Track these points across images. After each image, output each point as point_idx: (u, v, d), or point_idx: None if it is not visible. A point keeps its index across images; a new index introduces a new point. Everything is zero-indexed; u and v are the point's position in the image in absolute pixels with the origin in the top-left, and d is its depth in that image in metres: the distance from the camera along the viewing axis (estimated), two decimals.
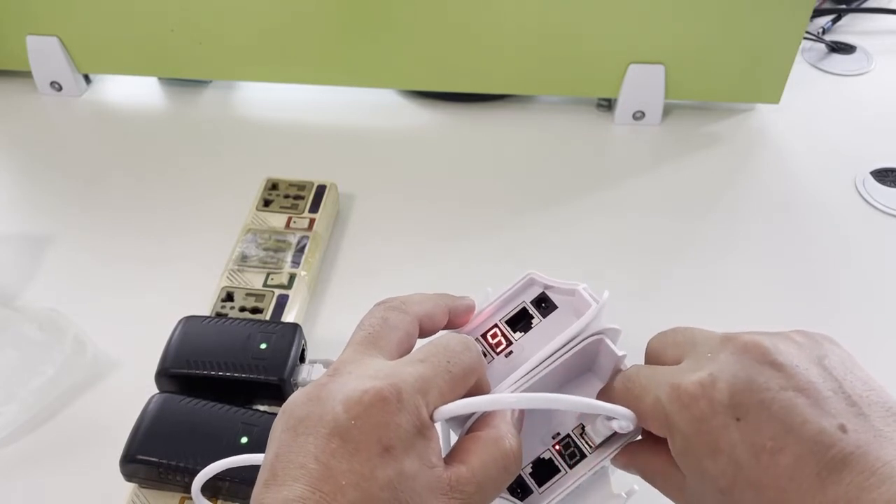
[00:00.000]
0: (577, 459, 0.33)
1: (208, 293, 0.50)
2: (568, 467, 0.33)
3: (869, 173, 0.62)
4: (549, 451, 0.33)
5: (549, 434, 0.34)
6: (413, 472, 0.27)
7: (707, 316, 0.52)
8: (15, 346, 0.48)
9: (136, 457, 0.39)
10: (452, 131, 0.67)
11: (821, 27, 0.78)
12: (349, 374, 0.28)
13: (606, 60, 0.64)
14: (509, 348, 0.34)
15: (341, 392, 0.27)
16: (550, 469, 0.33)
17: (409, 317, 0.32)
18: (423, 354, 0.30)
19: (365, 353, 0.30)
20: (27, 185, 0.63)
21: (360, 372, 0.28)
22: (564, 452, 0.33)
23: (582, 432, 0.34)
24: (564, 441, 0.33)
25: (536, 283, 0.35)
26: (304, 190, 0.56)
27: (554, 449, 0.33)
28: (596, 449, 0.33)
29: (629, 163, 0.64)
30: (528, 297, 0.35)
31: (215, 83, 0.72)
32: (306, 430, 0.27)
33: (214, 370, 0.42)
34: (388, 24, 0.64)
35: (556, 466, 0.33)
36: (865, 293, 0.54)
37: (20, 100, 0.70)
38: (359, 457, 0.26)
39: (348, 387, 0.28)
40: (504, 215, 0.59)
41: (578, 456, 0.33)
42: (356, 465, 0.26)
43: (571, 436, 0.34)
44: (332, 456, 0.26)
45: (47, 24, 0.67)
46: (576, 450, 0.33)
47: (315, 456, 0.26)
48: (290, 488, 0.25)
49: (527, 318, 0.35)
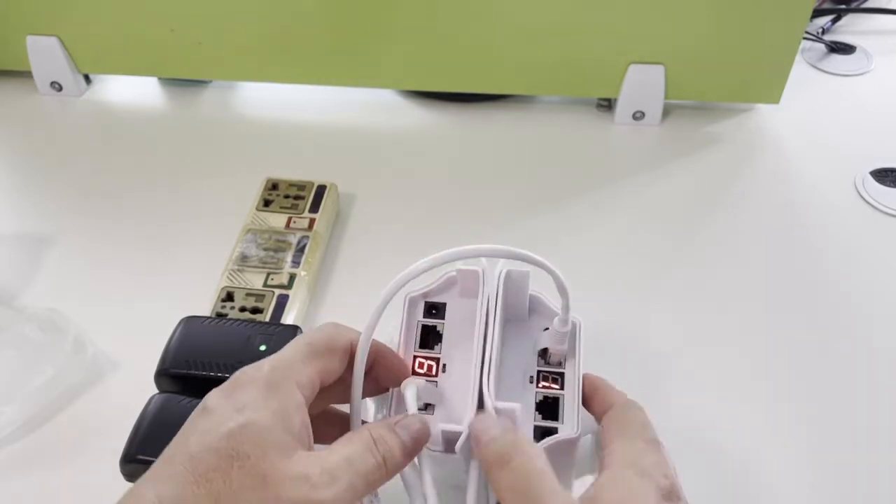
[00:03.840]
0: (561, 379, 0.36)
1: (208, 293, 0.50)
2: (560, 389, 0.35)
3: (869, 173, 0.62)
4: (537, 393, 0.35)
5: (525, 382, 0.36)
6: (262, 424, 0.29)
7: (707, 316, 0.52)
8: (15, 346, 0.48)
9: (136, 457, 0.39)
10: (452, 131, 0.67)
11: (821, 27, 0.78)
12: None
13: (606, 60, 0.64)
14: (441, 363, 0.36)
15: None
16: (552, 402, 0.35)
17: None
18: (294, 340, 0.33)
19: None
20: (27, 184, 0.63)
21: None
22: (548, 384, 0.35)
23: (546, 360, 0.36)
24: (540, 378, 0.36)
25: (415, 298, 0.37)
26: (305, 190, 0.56)
27: (539, 388, 0.35)
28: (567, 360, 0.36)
29: (629, 163, 0.64)
30: (418, 315, 0.37)
31: (215, 83, 0.72)
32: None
33: (214, 371, 0.42)
34: (388, 25, 0.64)
35: (553, 398, 0.35)
36: (865, 293, 0.54)
37: (20, 100, 0.70)
38: (211, 416, 0.30)
39: None
40: (504, 215, 0.59)
41: (560, 377, 0.36)
42: (206, 423, 0.30)
43: (542, 370, 0.36)
44: (190, 422, 0.31)
45: (47, 24, 0.67)
46: (554, 375, 0.36)
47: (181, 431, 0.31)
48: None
49: (433, 332, 0.36)
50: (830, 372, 0.49)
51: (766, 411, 0.47)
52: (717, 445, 0.45)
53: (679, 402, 0.47)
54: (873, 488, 0.43)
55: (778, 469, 0.44)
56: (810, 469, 0.44)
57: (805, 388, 0.48)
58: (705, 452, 0.44)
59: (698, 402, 0.47)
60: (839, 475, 0.44)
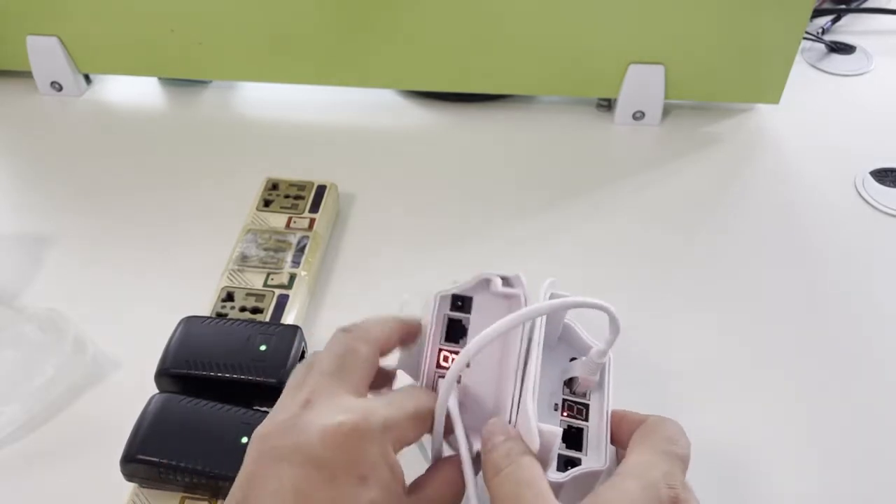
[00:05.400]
0: (586, 410, 0.35)
1: (208, 293, 0.50)
2: (584, 421, 0.35)
3: (869, 173, 0.62)
4: (562, 422, 0.35)
5: (551, 409, 0.35)
6: (383, 501, 0.29)
7: (707, 315, 0.52)
8: (15, 346, 0.48)
9: (136, 457, 0.39)
10: (452, 131, 0.67)
11: (820, 27, 0.78)
12: (323, 405, 0.30)
13: (606, 60, 0.64)
14: None
15: (317, 423, 0.29)
16: (575, 434, 0.34)
17: (370, 347, 0.34)
18: (390, 399, 0.32)
19: (334, 385, 0.32)
20: (27, 184, 0.63)
21: (333, 405, 0.30)
22: (573, 414, 0.35)
23: (572, 390, 0.36)
24: (566, 405, 0.35)
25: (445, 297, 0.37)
26: (305, 190, 0.56)
27: (563, 417, 0.35)
28: (593, 393, 0.35)
29: (629, 163, 0.64)
30: (445, 308, 0.37)
31: (215, 83, 0.72)
32: (281, 456, 0.28)
33: (213, 371, 0.42)
34: (388, 25, 0.64)
35: (577, 427, 0.35)
36: (865, 293, 0.54)
37: (20, 100, 0.70)
38: (335, 484, 0.28)
39: (323, 418, 0.29)
40: (504, 215, 0.59)
41: (584, 408, 0.35)
42: (333, 493, 0.27)
43: (567, 399, 0.36)
44: (308, 483, 0.27)
45: (47, 24, 0.67)
46: (579, 406, 0.35)
47: (292, 484, 0.28)
48: None
49: (458, 325, 0.36)
50: (830, 372, 0.49)
51: (765, 410, 0.47)
52: (718, 445, 0.45)
53: (679, 402, 0.47)
54: (875, 486, 0.43)
55: (778, 465, 0.44)
56: (810, 467, 0.44)
57: (805, 388, 0.48)
58: (705, 453, 0.44)
59: (698, 401, 0.47)
60: (842, 473, 0.44)
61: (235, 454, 0.35)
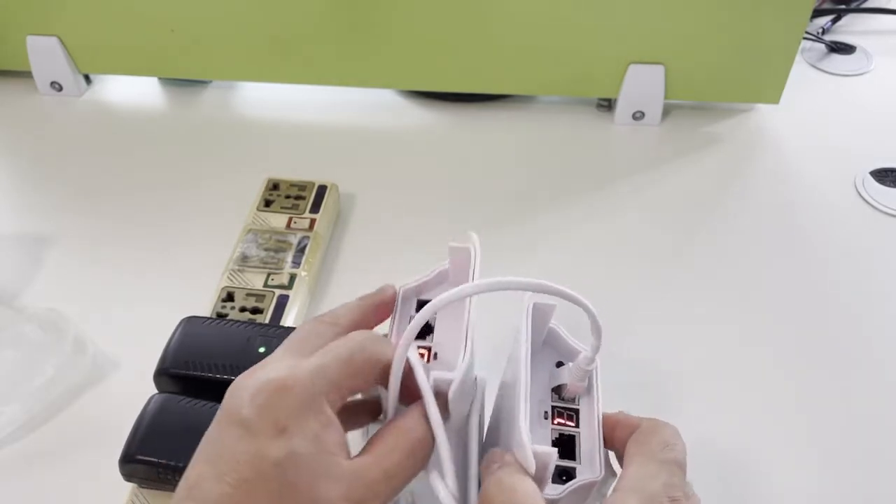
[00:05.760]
0: (576, 416, 0.34)
1: (209, 293, 0.50)
2: (576, 427, 0.34)
3: (869, 173, 0.62)
4: (553, 430, 0.34)
5: (541, 418, 0.34)
6: (305, 453, 0.29)
7: (707, 316, 0.52)
8: (15, 346, 0.48)
9: (135, 457, 0.39)
10: (452, 131, 0.67)
11: (820, 27, 0.78)
12: (263, 368, 0.31)
13: (606, 60, 0.64)
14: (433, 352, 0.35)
15: (250, 384, 0.30)
16: (567, 441, 0.34)
17: (338, 328, 0.34)
18: (328, 348, 0.32)
19: (288, 352, 0.32)
20: (27, 184, 0.63)
21: (270, 367, 0.31)
22: (564, 421, 0.34)
23: (560, 396, 0.35)
24: (555, 412, 0.34)
25: (408, 292, 0.37)
26: (305, 190, 0.56)
27: (555, 425, 0.34)
28: (582, 397, 0.35)
29: (629, 163, 0.64)
30: (411, 310, 0.37)
31: (215, 83, 0.72)
32: (220, 419, 0.30)
33: (212, 372, 0.42)
34: (388, 25, 0.64)
35: (569, 435, 0.34)
36: (865, 293, 0.54)
37: (20, 100, 0.70)
38: (255, 438, 0.29)
39: (256, 379, 0.30)
40: (504, 215, 0.59)
41: (574, 414, 0.34)
42: (251, 446, 0.28)
43: (556, 406, 0.35)
44: (234, 439, 0.29)
45: (47, 24, 0.67)
46: (569, 412, 0.34)
47: (221, 440, 0.29)
48: (195, 468, 0.29)
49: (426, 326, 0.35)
50: (830, 371, 0.49)
51: (765, 409, 0.47)
52: (717, 446, 0.45)
53: (678, 401, 0.47)
54: (877, 485, 0.43)
55: (779, 464, 0.44)
56: (811, 466, 0.44)
57: (805, 387, 0.48)
58: (705, 453, 0.44)
59: (698, 401, 0.47)
60: (843, 473, 0.44)
61: None
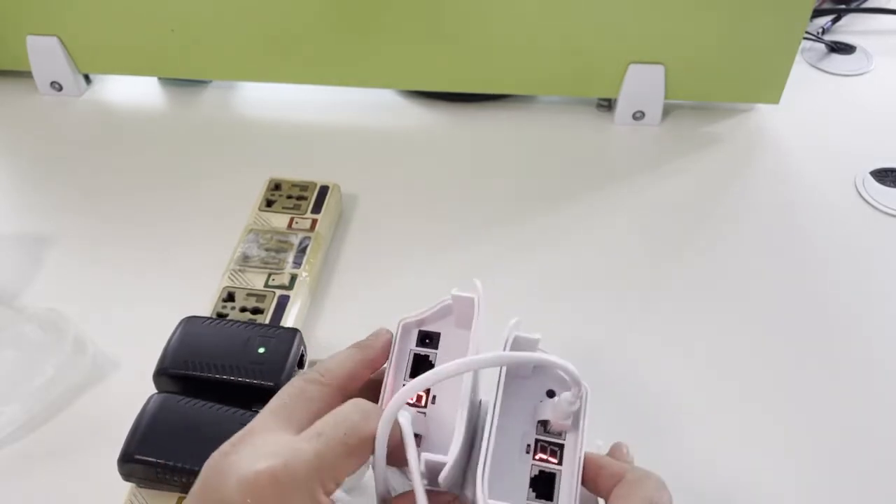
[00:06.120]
0: (560, 453, 0.33)
1: (209, 293, 0.50)
2: (557, 464, 0.33)
3: (869, 173, 0.62)
4: (534, 466, 0.33)
5: (522, 451, 0.33)
6: None
7: (706, 316, 0.52)
8: (15, 346, 0.48)
9: (134, 456, 0.39)
10: (453, 132, 0.67)
11: (821, 27, 0.78)
12: (251, 446, 0.29)
13: (606, 60, 0.64)
14: (430, 394, 0.34)
15: (238, 470, 0.28)
16: (547, 479, 0.32)
17: (328, 388, 0.32)
18: (320, 427, 0.30)
19: (272, 421, 0.30)
20: (27, 184, 0.63)
21: (259, 447, 0.29)
22: (546, 456, 0.33)
23: (545, 428, 0.33)
24: (538, 447, 0.33)
25: (409, 325, 0.35)
26: (307, 190, 0.56)
27: (536, 460, 0.33)
28: (568, 432, 0.33)
29: (629, 163, 0.64)
30: (411, 343, 0.35)
31: (215, 83, 0.72)
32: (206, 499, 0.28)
33: (211, 372, 0.42)
34: (388, 25, 0.64)
35: (550, 472, 0.32)
36: (866, 293, 0.54)
37: (20, 100, 0.70)
38: None
39: (244, 464, 0.28)
40: (504, 215, 0.59)
41: (559, 449, 0.33)
42: None
43: (540, 439, 0.33)
44: None
45: (47, 24, 0.67)
46: (553, 447, 0.33)
47: None
48: None
49: (425, 361, 0.35)
50: (830, 371, 0.49)
51: (764, 409, 0.47)
52: (719, 445, 0.45)
53: (679, 402, 0.47)
54: (877, 490, 0.43)
55: (778, 464, 0.44)
56: (812, 470, 0.44)
57: (805, 388, 0.48)
58: (705, 452, 0.44)
59: (698, 401, 0.47)
60: (844, 475, 0.44)
61: None
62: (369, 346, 0.35)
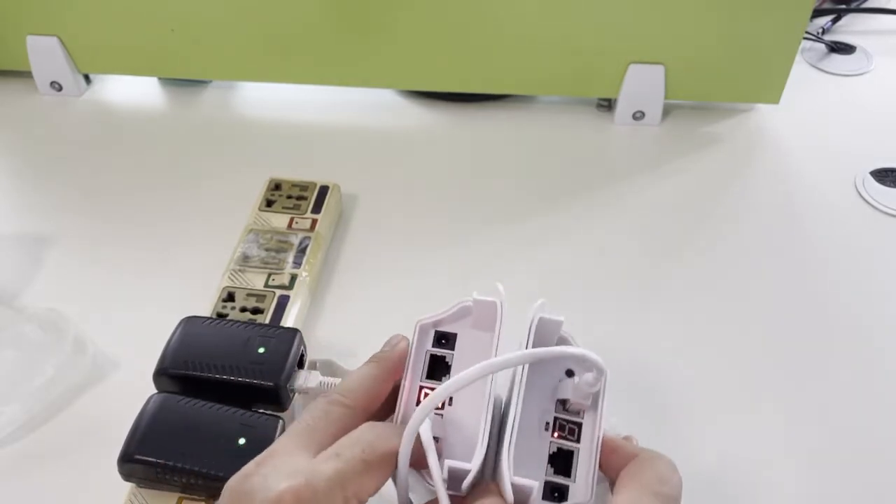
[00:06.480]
0: (578, 431, 0.34)
1: (209, 293, 0.50)
2: (576, 442, 0.33)
3: (869, 173, 0.62)
4: (552, 444, 0.34)
5: (541, 428, 0.34)
6: None
7: (707, 315, 0.52)
8: (15, 346, 0.48)
9: (133, 456, 0.39)
10: (452, 131, 0.67)
11: (821, 27, 0.78)
12: (272, 467, 0.30)
13: (606, 60, 0.64)
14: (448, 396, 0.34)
15: (261, 490, 0.28)
16: (565, 456, 0.33)
17: (351, 410, 0.33)
18: (337, 448, 0.30)
19: (297, 445, 0.31)
20: (27, 184, 0.63)
21: (281, 467, 0.29)
22: (564, 434, 0.34)
23: (564, 407, 0.34)
24: (556, 426, 0.34)
25: (426, 325, 0.36)
26: (307, 190, 0.56)
27: (554, 437, 0.34)
28: (587, 412, 0.34)
29: (629, 163, 0.64)
30: (428, 344, 0.36)
31: (215, 83, 0.72)
32: None
33: (211, 372, 0.42)
34: (388, 25, 0.64)
35: (567, 450, 0.33)
36: (866, 293, 0.54)
37: (20, 100, 0.70)
38: None
39: (268, 484, 0.28)
40: (505, 215, 0.59)
41: (577, 428, 0.34)
42: None
43: (559, 417, 0.34)
44: None
45: (47, 24, 0.67)
46: (571, 425, 0.34)
47: None
48: None
49: (441, 362, 0.35)
50: (832, 372, 0.49)
51: (765, 410, 0.47)
52: (719, 445, 0.45)
53: (679, 402, 0.47)
54: (878, 488, 0.43)
55: (778, 464, 0.44)
56: (811, 469, 0.44)
57: (805, 388, 0.48)
58: (705, 454, 0.44)
59: (698, 402, 0.47)
60: (844, 475, 0.44)
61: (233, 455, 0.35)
62: (387, 358, 0.35)
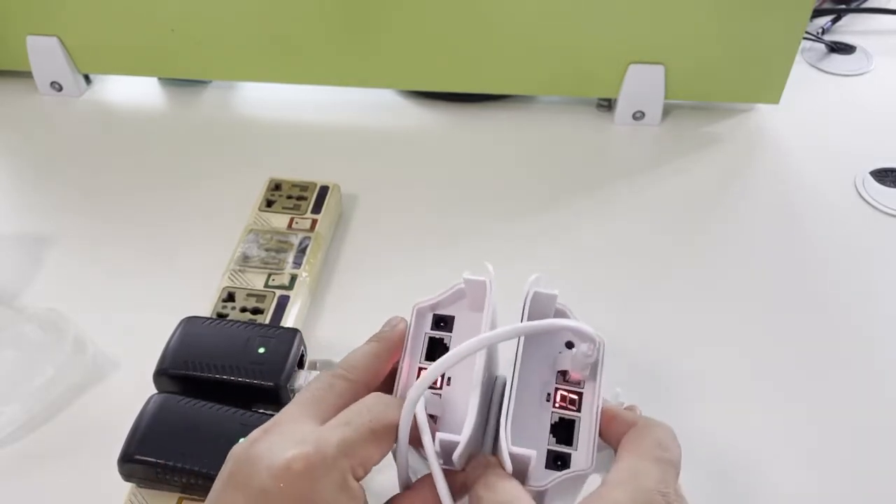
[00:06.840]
0: (579, 401, 0.34)
1: (209, 293, 0.50)
2: (577, 412, 0.34)
3: (869, 173, 0.62)
4: (553, 413, 0.34)
5: (542, 399, 0.34)
6: None
7: (707, 316, 0.52)
8: (15, 346, 0.48)
9: (134, 457, 0.39)
10: (453, 132, 0.67)
11: (821, 27, 0.78)
12: (279, 434, 0.30)
13: (606, 60, 0.64)
14: (445, 376, 0.35)
15: (268, 456, 0.29)
16: (567, 425, 0.34)
17: (354, 384, 0.33)
18: (346, 417, 0.31)
19: (303, 414, 0.31)
20: (27, 185, 0.63)
21: (288, 434, 0.30)
22: (566, 404, 0.34)
23: (564, 378, 0.35)
24: (557, 396, 0.34)
25: (423, 309, 0.36)
26: (307, 191, 0.56)
27: (555, 407, 0.34)
28: (587, 382, 0.35)
29: (629, 163, 0.64)
30: (426, 327, 0.36)
31: (215, 83, 0.72)
32: (236, 485, 0.29)
33: (211, 372, 0.42)
34: (388, 25, 0.64)
35: (569, 419, 0.34)
36: (865, 293, 0.54)
37: (20, 100, 0.70)
38: None
39: (274, 451, 0.29)
40: (505, 215, 0.59)
41: (577, 398, 0.34)
42: None
43: (560, 388, 0.35)
44: None
45: (47, 24, 0.67)
46: (572, 395, 0.35)
47: None
48: None
49: (440, 344, 0.36)
50: (831, 372, 0.49)
51: (765, 410, 0.47)
52: (718, 446, 0.45)
53: (679, 402, 0.47)
54: (875, 488, 0.43)
55: (777, 465, 0.44)
56: (810, 468, 0.44)
57: (805, 388, 0.48)
58: (705, 453, 0.44)
59: (698, 402, 0.47)
60: (842, 474, 0.44)
61: None
62: (386, 338, 0.36)
